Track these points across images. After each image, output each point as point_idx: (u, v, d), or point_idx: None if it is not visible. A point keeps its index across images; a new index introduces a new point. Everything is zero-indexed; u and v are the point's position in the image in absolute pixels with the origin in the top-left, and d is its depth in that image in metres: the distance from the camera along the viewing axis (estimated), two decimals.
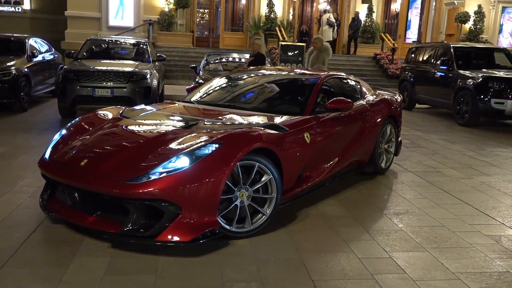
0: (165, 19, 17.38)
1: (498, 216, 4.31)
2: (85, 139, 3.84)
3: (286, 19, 19.25)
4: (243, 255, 3.27)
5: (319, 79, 4.87)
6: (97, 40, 10.67)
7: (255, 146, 3.46)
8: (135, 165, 3.31)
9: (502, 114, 9.25)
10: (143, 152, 3.45)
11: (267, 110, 4.52)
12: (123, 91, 8.12)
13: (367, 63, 17.76)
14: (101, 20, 17.81)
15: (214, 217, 3.28)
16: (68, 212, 3.56)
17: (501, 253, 3.48)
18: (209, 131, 3.65)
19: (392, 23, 21.36)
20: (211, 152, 3.30)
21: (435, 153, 6.99)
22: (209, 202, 3.24)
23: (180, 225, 3.18)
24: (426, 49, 12.33)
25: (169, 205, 3.17)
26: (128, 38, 11.44)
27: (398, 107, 5.86)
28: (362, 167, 5.24)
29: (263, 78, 5.37)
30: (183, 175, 3.19)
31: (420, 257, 3.36)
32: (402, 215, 4.22)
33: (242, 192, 3.45)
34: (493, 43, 19.57)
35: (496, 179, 5.64)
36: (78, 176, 3.43)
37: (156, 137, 3.64)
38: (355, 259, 3.28)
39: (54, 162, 3.71)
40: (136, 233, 3.22)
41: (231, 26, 20.68)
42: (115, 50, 10.24)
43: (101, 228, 3.33)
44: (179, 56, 16.48)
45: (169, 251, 3.27)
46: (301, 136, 4.04)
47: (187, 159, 3.26)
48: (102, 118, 4.28)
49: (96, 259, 3.14)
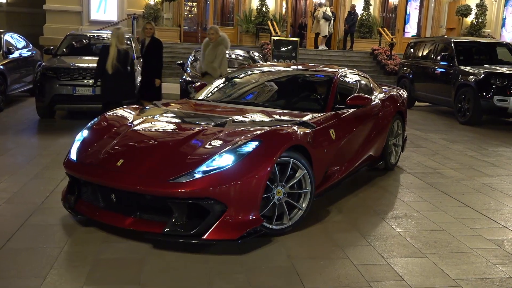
0: (150, 12, 17.31)
1: (501, 219, 4.34)
2: (114, 139, 3.95)
3: (279, 12, 19.26)
4: (232, 263, 3.26)
5: (335, 76, 5.13)
6: (77, 35, 10.59)
7: (293, 143, 3.69)
8: (176, 164, 3.46)
9: (505, 112, 9.31)
10: (182, 151, 3.61)
11: (288, 107, 4.77)
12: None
13: (364, 59, 17.82)
14: (82, 14, 17.70)
15: (257, 214, 3.46)
16: (102, 214, 3.66)
17: (504, 258, 3.50)
18: (242, 129, 3.85)
19: (390, 16, 21.45)
20: (253, 150, 3.49)
21: (435, 153, 7.03)
22: (252, 200, 3.41)
23: (226, 223, 3.34)
24: (426, 44, 12.40)
25: (215, 203, 3.33)
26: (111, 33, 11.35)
27: (404, 102, 6.24)
28: (375, 162, 5.53)
29: (276, 74, 5.65)
30: (228, 173, 3.36)
31: (419, 263, 3.37)
32: (401, 219, 4.23)
33: (278, 189, 3.64)
34: (496, 37, 19.70)
35: (498, 180, 5.68)
36: (117, 177, 3.53)
37: (191, 136, 3.79)
38: (350, 266, 3.28)
39: (84, 164, 3.80)
40: (180, 232, 3.34)
41: (220, 20, 20.65)
42: (97, 46, 10.15)
43: (142, 229, 3.43)
44: (166, 52, 16.13)
45: (153, 260, 3.26)
46: (327, 133, 4.30)
47: (231, 157, 3.44)
48: (123, 117, 4.39)
49: (74, 269, 3.12)
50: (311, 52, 17.89)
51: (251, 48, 15.03)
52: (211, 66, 7.48)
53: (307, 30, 19.91)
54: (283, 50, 15.00)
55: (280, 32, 17.52)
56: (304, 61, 15.53)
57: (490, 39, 15.70)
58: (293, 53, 14.92)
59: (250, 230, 3.41)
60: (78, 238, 3.58)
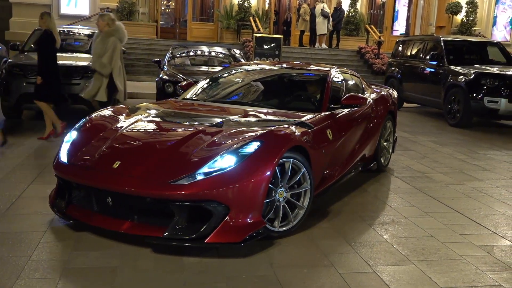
0: (125, 7, 17.22)
1: (491, 225, 4.43)
2: (106, 140, 3.97)
3: (262, 8, 19.34)
4: (211, 272, 3.27)
5: (329, 75, 5.24)
6: None
7: (294, 143, 3.81)
8: (176, 166, 3.53)
9: (496, 113, 9.49)
10: (181, 152, 3.67)
11: (282, 106, 4.91)
12: (77, 88, 8.01)
13: (350, 58, 17.99)
14: (51, 7, 17.50)
15: (260, 216, 3.55)
16: (97, 219, 3.67)
17: (493, 265, 3.57)
18: (241, 130, 3.95)
19: (378, 13, 21.71)
20: (255, 151, 3.58)
21: (424, 156, 7.13)
22: (255, 202, 3.50)
23: (229, 226, 3.41)
24: (415, 42, 12.57)
25: (218, 205, 3.40)
26: (82, 28, 11.28)
27: (395, 102, 6.47)
28: (368, 164, 5.69)
29: (268, 73, 5.81)
30: (230, 175, 3.44)
31: (406, 271, 3.42)
32: (388, 225, 4.29)
33: (280, 190, 3.75)
34: (487, 36, 20.06)
35: (488, 184, 5.78)
36: (114, 179, 3.56)
37: (189, 136, 3.85)
38: (335, 274, 3.32)
39: (77, 166, 3.82)
40: (182, 235, 3.38)
41: (200, 16, 20.66)
42: (68, 42, 10.08)
43: (142, 233, 3.47)
44: (141, 49, 16.36)
45: (127, 269, 3.25)
46: (324, 133, 4.44)
47: (233, 158, 3.52)
48: (113, 118, 4.42)
49: (43, 279, 3.09)
50: (295, 50, 18.00)
51: (232, 45, 15.04)
52: (99, 62, 6.80)
53: (290, 26, 19.98)
54: (266, 48, 15.06)
55: (263, 28, 17.58)
56: (288, 59, 15.60)
57: (480, 38, 16.00)
58: (276, 51, 15.00)
59: (253, 233, 3.48)
60: (46, 247, 3.55)
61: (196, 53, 11.08)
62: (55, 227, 3.87)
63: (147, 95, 11.98)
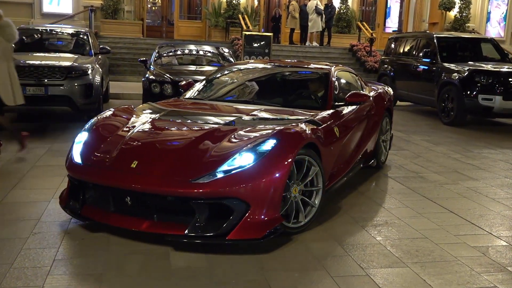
0: (109, 5, 17.16)
1: (486, 225, 4.45)
2: (120, 140, 4.08)
3: (251, 5, 19.35)
4: (199, 278, 3.26)
5: (330, 72, 5.46)
6: (28, 29, 10.41)
7: (308, 140, 3.98)
8: (195, 164, 3.67)
9: (490, 111, 9.56)
10: (198, 150, 3.82)
11: (287, 105, 5.10)
12: (60, 89, 7.96)
13: (342, 55, 18.04)
14: (33, 6, 17.43)
15: (278, 213, 3.69)
16: (115, 218, 3.77)
17: (488, 266, 3.59)
18: (255, 128, 4.12)
19: (370, 10, 21.79)
20: (271, 148, 3.73)
21: (417, 156, 7.16)
22: (273, 198, 3.63)
23: (249, 223, 3.54)
24: (408, 39, 12.64)
25: (238, 202, 3.54)
26: (65, 27, 11.23)
27: (391, 100, 6.72)
28: (368, 160, 5.88)
29: (268, 72, 5.99)
30: (250, 172, 3.59)
31: (400, 273, 3.43)
32: (381, 227, 4.30)
33: (294, 187, 3.89)
34: (480, 32, 20.24)
35: (483, 184, 5.83)
36: (134, 179, 3.67)
37: (204, 135, 4.00)
38: (327, 278, 3.32)
39: (93, 167, 3.93)
40: (204, 233, 3.51)
41: (187, 14, 20.63)
42: (50, 41, 10.03)
43: (162, 231, 3.58)
44: (127, 48, 16.31)
45: (112, 276, 3.23)
46: (332, 130, 4.64)
47: (251, 155, 3.67)
48: (123, 119, 4.53)
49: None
50: (285, 48, 18.02)
51: (220, 43, 15.07)
52: None
53: (280, 22, 19.97)
54: (255, 46, 15.07)
55: (252, 26, 17.59)
56: (278, 57, 15.62)
57: (474, 35, 16.12)
58: (266, 49, 15.01)
59: (272, 229, 3.61)
60: (29, 253, 3.52)
61: (183, 52, 11.05)
62: (37, 234, 3.84)
63: (133, 96, 11.95)
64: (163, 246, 3.66)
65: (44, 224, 4.04)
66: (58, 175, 5.36)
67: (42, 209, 4.38)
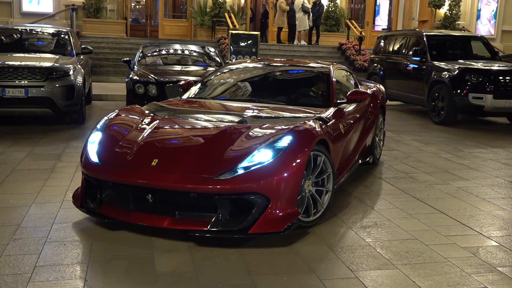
0: (91, 3, 17.09)
1: (476, 225, 4.51)
2: (137, 139, 4.22)
3: (237, 4, 19.37)
4: (185, 283, 3.26)
5: (330, 71, 5.69)
6: (7, 29, 10.37)
7: (320, 137, 4.21)
8: (215, 161, 3.87)
9: (481, 110, 9.65)
10: (216, 148, 4.01)
11: (291, 103, 5.29)
12: (40, 90, 7.91)
13: (331, 54, 18.12)
14: (12, 5, 17.30)
15: (295, 207, 3.90)
16: (136, 216, 3.89)
17: (479, 267, 3.64)
18: (268, 125, 4.32)
19: (358, 8, 21.91)
20: (288, 145, 3.94)
21: (407, 156, 7.22)
22: (291, 193, 3.85)
23: (270, 217, 3.75)
24: (397, 37, 12.74)
25: (259, 197, 3.74)
26: (46, 26, 11.15)
27: (384, 97, 7.05)
28: (365, 157, 6.13)
29: (269, 70, 6.15)
30: (269, 168, 3.79)
31: (390, 275, 3.46)
32: (370, 228, 4.33)
33: (308, 182, 4.09)
34: (471, 30, 20.42)
35: (474, 184, 5.89)
36: (155, 176, 3.82)
37: (220, 133, 4.22)
38: (316, 281, 3.34)
39: (112, 165, 4.06)
40: (227, 227, 3.71)
41: (172, 12, 20.63)
42: (30, 41, 9.97)
43: (185, 227, 3.75)
44: (110, 48, 16.25)
45: (95, 282, 3.23)
46: (338, 127, 4.90)
47: (269, 152, 3.88)
48: (135, 118, 4.67)
49: None
50: (273, 47, 18.07)
51: (206, 43, 15.06)
52: None
53: (268, 18, 20.00)
54: (242, 45, 15.07)
55: (239, 25, 17.61)
56: (266, 57, 15.65)
57: (464, 33, 16.27)
58: (253, 48, 15.01)
59: (290, 223, 3.80)
60: (9, 260, 3.50)
61: (168, 52, 11.03)
62: (18, 240, 3.82)
63: (116, 97, 11.91)
64: (148, 251, 3.66)
65: (24, 230, 4.02)
66: (39, 179, 5.33)
67: (23, 214, 4.36)
